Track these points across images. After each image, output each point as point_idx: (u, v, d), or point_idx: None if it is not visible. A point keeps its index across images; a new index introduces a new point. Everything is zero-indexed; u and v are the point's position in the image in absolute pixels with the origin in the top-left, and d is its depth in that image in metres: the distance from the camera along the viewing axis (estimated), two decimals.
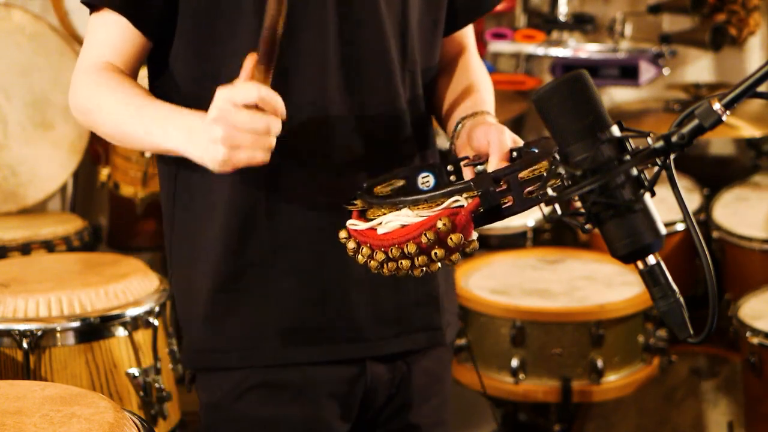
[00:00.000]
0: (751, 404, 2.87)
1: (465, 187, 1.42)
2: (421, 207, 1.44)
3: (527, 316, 2.78)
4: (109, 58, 1.59)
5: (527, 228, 3.33)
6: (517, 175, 1.39)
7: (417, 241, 1.40)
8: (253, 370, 1.66)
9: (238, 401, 1.67)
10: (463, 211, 1.39)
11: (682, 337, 1.28)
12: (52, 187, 3.37)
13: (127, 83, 1.56)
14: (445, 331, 1.76)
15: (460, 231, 1.39)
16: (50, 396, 1.60)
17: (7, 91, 3.31)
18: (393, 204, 1.47)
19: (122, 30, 1.59)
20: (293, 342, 1.65)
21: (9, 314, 2.22)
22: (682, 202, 1.26)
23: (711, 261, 1.26)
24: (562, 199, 1.28)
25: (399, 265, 1.43)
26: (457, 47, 1.82)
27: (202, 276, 1.66)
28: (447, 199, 1.42)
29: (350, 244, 1.49)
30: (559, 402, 2.81)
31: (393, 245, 1.42)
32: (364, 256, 1.47)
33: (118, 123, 1.55)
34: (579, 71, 1.28)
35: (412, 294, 1.70)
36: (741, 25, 3.58)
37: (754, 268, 3.18)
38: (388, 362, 1.71)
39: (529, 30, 3.78)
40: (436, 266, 1.43)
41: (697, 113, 1.25)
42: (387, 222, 1.45)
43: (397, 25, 1.64)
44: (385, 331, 1.69)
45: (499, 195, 1.39)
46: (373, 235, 1.45)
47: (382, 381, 1.71)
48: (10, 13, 3.34)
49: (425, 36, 1.70)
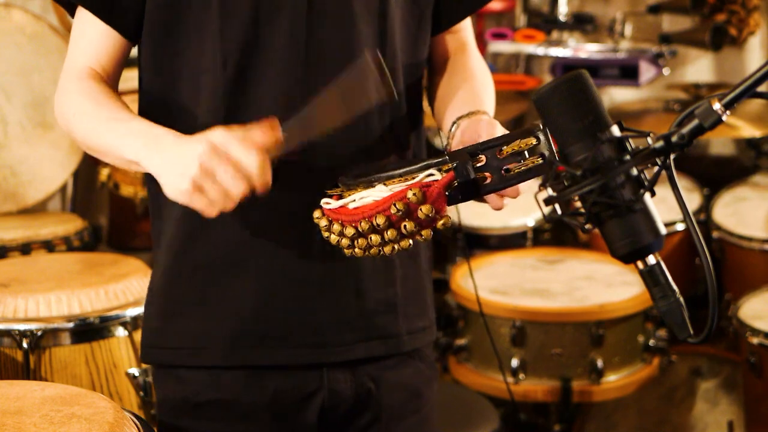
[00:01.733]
0: (751, 404, 2.87)
1: (441, 161, 1.39)
2: (395, 182, 1.41)
3: (527, 316, 2.78)
4: (92, 62, 1.58)
5: (527, 228, 3.33)
6: (496, 150, 1.37)
7: (387, 213, 1.37)
8: (203, 378, 1.62)
9: (188, 415, 1.63)
10: (435, 184, 1.37)
11: (682, 337, 1.28)
12: (52, 187, 3.37)
13: (105, 93, 1.55)
14: (405, 339, 1.68)
15: (431, 203, 1.36)
16: (50, 396, 1.60)
17: (7, 91, 3.31)
18: (368, 182, 1.44)
19: (100, 30, 1.58)
20: (246, 344, 1.60)
21: (9, 314, 2.22)
22: (682, 202, 1.26)
23: (711, 261, 1.26)
24: (562, 199, 1.28)
25: (369, 240, 1.40)
26: (454, 45, 1.76)
27: (158, 271, 1.64)
28: (422, 173, 1.40)
29: (322, 222, 1.45)
30: (559, 402, 2.81)
31: (363, 219, 1.39)
32: (335, 234, 1.43)
33: (91, 131, 1.54)
34: (579, 71, 1.28)
35: (373, 300, 1.64)
36: (741, 25, 3.58)
37: (754, 268, 3.18)
38: (349, 375, 1.64)
39: (529, 30, 3.79)
40: (407, 242, 1.40)
41: (697, 113, 1.25)
42: (360, 198, 1.42)
43: (375, 19, 1.59)
44: (345, 338, 1.62)
45: (474, 169, 1.37)
46: (345, 211, 1.42)
47: (342, 397, 1.64)
48: (10, 13, 3.34)
49: (408, 30, 1.65)
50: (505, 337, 2.78)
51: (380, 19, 1.61)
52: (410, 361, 1.70)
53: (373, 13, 1.60)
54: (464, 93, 1.67)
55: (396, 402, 1.69)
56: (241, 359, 1.61)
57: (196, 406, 1.63)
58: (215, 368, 1.62)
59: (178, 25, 1.56)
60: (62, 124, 1.61)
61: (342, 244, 1.43)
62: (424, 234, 1.39)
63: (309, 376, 1.63)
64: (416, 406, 1.71)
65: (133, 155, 1.47)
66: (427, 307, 1.74)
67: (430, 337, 1.75)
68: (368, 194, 1.42)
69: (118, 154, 1.51)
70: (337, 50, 1.57)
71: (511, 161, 1.36)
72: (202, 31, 1.55)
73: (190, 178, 1.37)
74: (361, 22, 1.58)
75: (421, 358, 1.73)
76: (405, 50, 1.65)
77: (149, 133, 1.47)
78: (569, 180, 1.27)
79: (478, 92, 1.68)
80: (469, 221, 3.32)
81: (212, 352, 1.61)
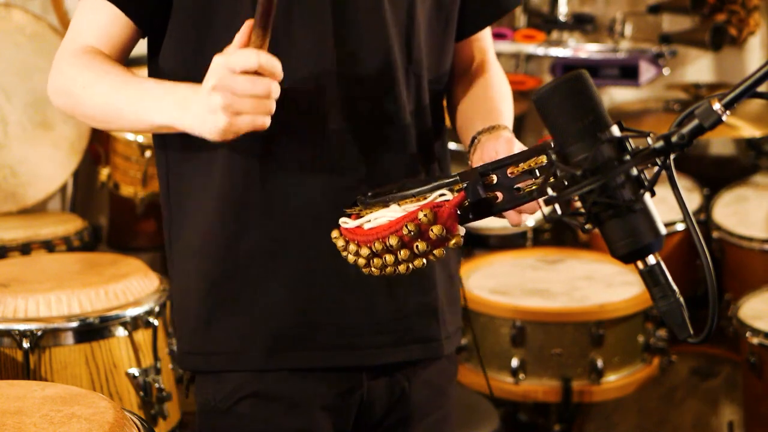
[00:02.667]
0: (751, 404, 2.87)
1: (452, 181, 1.41)
2: (408, 202, 1.43)
3: (527, 316, 2.78)
4: (96, 44, 1.56)
5: (527, 228, 3.33)
6: (506, 170, 1.38)
7: (399, 234, 1.39)
8: (244, 377, 1.63)
9: (230, 411, 1.64)
10: (446, 204, 1.39)
11: (682, 337, 1.28)
12: (52, 187, 3.37)
13: (115, 65, 1.53)
14: (444, 343, 1.72)
15: (442, 223, 1.38)
16: (50, 396, 1.60)
17: (7, 91, 3.31)
18: (383, 202, 1.46)
19: (112, 17, 1.56)
20: (284, 348, 1.62)
21: (9, 314, 2.22)
22: (682, 202, 1.26)
23: (711, 261, 1.26)
24: (562, 199, 1.28)
25: (384, 261, 1.42)
26: (475, 53, 1.77)
27: (195, 276, 1.64)
28: (433, 193, 1.42)
29: (339, 242, 1.48)
30: (559, 402, 2.81)
31: (376, 239, 1.41)
32: (351, 254, 1.46)
33: (106, 102, 1.51)
34: (579, 71, 1.28)
35: (411, 303, 1.66)
36: (741, 25, 3.58)
37: (754, 268, 3.18)
38: (385, 376, 1.67)
39: (529, 30, 3.79)
40: (420, 261, 1.42)
41: (697, 113, 1.25)
42: (375, 218, 1.44)
43: (402, 24, 1.60)
44: (380, 340, 1.65)
45: (485, 188, 1.38)
46: (360, 232, 1.44)
47: (379, 395, 1.67)
48: (10, 13, 3.34)
49: (434, 36, 1.65)
50: (505, 337, 2.78)
51: (408, 23, 1.61)
52: (439, 360, 1.73)
53: (401, 17, 1.60)
54: (485, 106, 1.68)
55: (424, 399, 1.72)
56: (279, 362, 1.63)
57: (237, 402, 1.64)
58: (256, 371, 1.64)
59: (209, 17, 1.56)
60: (62, 101, 1.58)
61: (359, 264, 1.46)
62: (436, 253, 1.42)
63: (348, 377, 1.65)
64: (440, 403, 1.75)
65: (166, 119, 1.47)
66: (458, 312, 1.78)
67: (460, 339, 1.79)
68: (383, 214, 1.44)
69: (146, 120, 1.50)
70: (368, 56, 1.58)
71: (522, 180, 1.37)
72: (233, 24, 1.52)
73: (220, 109, 1.38)
74: (391, 24, 1.59)
75: (449, 357, 1.76)
76: (430, 56, 1.65)
77: (172, 93, 1.47)
78: (569, 180, 1.27)
79: (497, 105, 1.68)
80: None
81: (252, 357, 1.63)
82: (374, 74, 1.59)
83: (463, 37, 1.74)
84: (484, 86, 1.72)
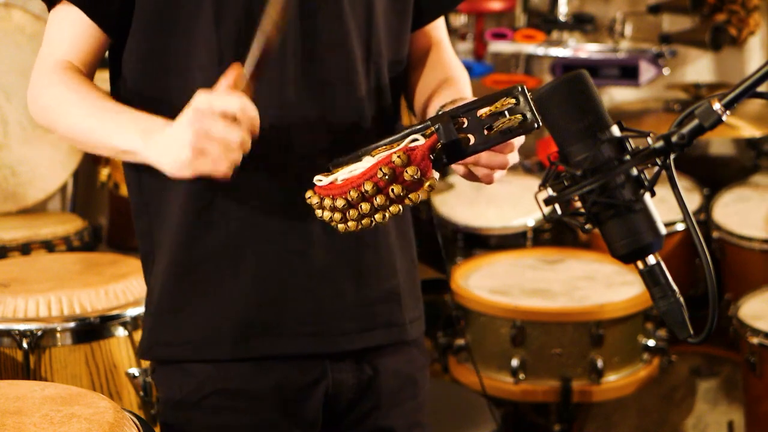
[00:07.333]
0: (751, 404, 2.87)
1: (423, 126, 1.43)
2: (381, 150, 1.45)
3: (527, 316, 2.78)
4: (69, 55, 1.58)
5: (527, 228, 3.33)
6: (476, 112, 1.40)
7: (374, 180, 1.40)
8: (209, 371, 1.63)
9: (196, 406, 1.64)
10: (419, 146, 1.40)
11: (682, 337, 1.28)
12: (52, 187, 3.37)
13: (88, 85, 1.55)
14: (408, 328, 1.72)
15: (416, 164, 1.39)
16: (50, 396, 1.60)
17: (7, 91, 3.31)
18: (356, 157, 1.47)
19: (81, 25, 1.57)
20: (250, 335, 1.62)
21: (9, 314, 2.22)
22: (682, 202, 1.26)
23: (711, 261, 1.26)
24: (562, 199, 1.28)
25: (360, 209, 1.43)
26: (429, 41, 1.78)
27: (159, 268, 1.65)
28: (405, 139, 1.43)
29: (314, 199, 1.48)
30: (559, 402, 2.81)
31: (351, 188, 1.42)
32: (327, 210, 1.46)
33: (78, 123, 1.53)
34: (579, 71, 1.28)
35: (375, 290, 1.67)
36: (741, 25, 3.58)
37: (754, 268, 3.18)
38: (351, 363, 1.67)
39: (529, 30, 3.79)
40: (396, 207, 1.43)
41: (697, 113, 1.25)
42: (349, 171, 1.46)
43: (361, 17, 1.62)
44: (346, 326, 1.65)
45: (456, 130, 1.40)
46: (334, 186, 1.45)
47: (345, 385, 1.67)
48: (10, 13, 3.34)
49: (391, 25, 1.67)
50: (505, 337, 2.78)
51: (366, 14, 1.63)
52: (406, 348, 1.74)
53: (359, 10, 1.62)
54: (444, 85, 1.69)
55: (395, 388, 1.72)
56: (246, 351, 1.63)
57: (202, 398, 1.64)
58: (222, 361, 1.63)
59: (170, 21, 1.56)
60: (40, 118, 1.60)
61: (335, 219, 1.46)
62: (412, 197, 1.42)
63: (312, 365, 1.65)
64: (412, 392, 1.75)
65: (130, 146, 1.48)
66: (419, 298, 1.78)
67: (423, 326, 1.80)
68: (356, 167, 1.46)
69: (110, 145, 1.51)
70: (329, 44, 1.59)
71: (491, 121, 1.39)
72: (196, 27, 1.55)
73: (188, 146, 1.38)
74: (350, 16, 1.60)
75: (417, 346, 1.77)
76: (389, 45, 1.67)
77: (141, 122, 1.48)
78: (569, 180, 1.27)
79: (458, 84, 1.70)
80: (469, 221, 3.32)
81: (218, 345, 1.63)
82: (334, 68, 1.60)
83: (420, 26, 1.76)
84: (443, 70, 1.74)
